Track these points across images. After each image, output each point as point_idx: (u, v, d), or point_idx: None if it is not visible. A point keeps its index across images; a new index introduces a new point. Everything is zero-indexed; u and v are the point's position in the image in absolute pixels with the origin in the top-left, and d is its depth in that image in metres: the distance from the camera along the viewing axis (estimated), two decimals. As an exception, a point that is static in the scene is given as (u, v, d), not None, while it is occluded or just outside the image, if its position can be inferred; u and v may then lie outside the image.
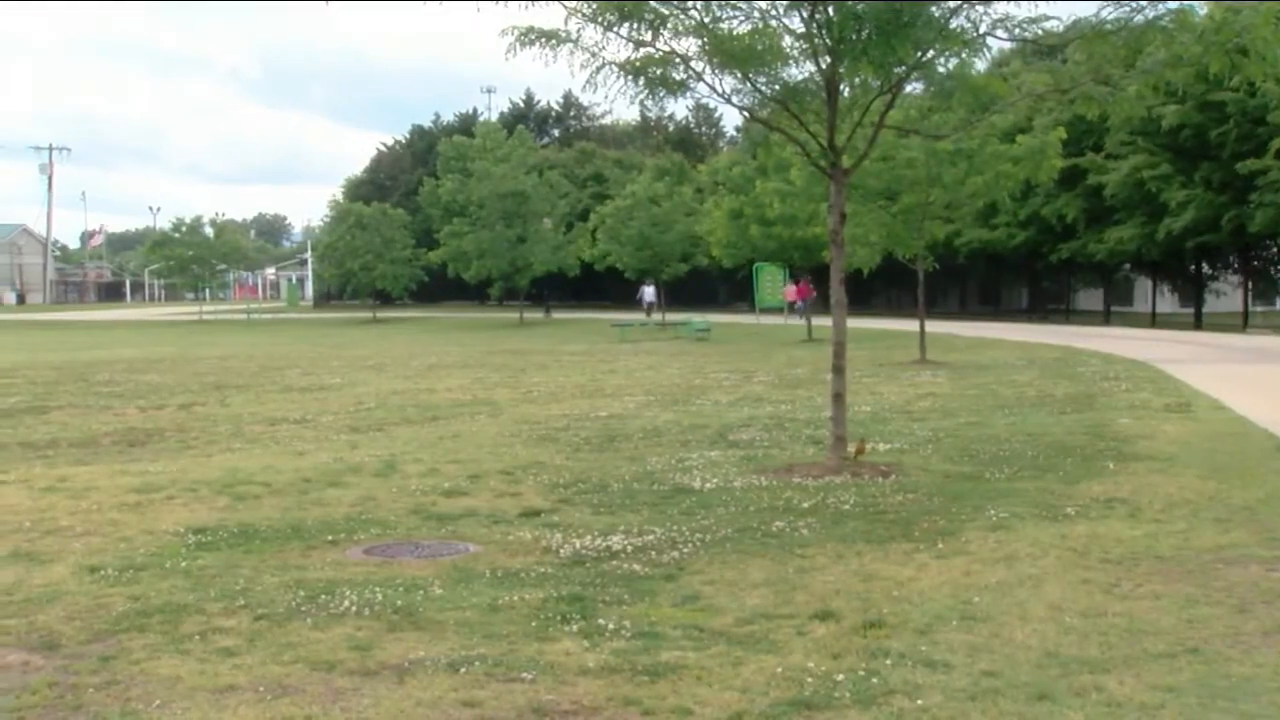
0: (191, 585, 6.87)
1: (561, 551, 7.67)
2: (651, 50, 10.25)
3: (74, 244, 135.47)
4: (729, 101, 11.03)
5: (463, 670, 5.28)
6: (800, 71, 10.74)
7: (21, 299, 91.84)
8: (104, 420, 16.23)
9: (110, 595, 6.66)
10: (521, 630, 5.89)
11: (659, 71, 10.36)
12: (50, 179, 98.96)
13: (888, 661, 5.31)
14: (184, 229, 69.96)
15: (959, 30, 10.25)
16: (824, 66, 10.50)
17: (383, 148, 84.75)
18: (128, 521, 8.83)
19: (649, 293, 52.75)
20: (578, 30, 10.00)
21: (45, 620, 6.17)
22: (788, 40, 10.41)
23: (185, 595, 6.63)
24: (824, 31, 10.19)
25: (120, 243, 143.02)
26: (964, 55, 10.66)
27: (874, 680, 5.06)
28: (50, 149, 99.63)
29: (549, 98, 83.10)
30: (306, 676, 5.26)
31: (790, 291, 41.90)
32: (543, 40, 9.85)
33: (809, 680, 5.08)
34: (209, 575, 7.11)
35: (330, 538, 8.19)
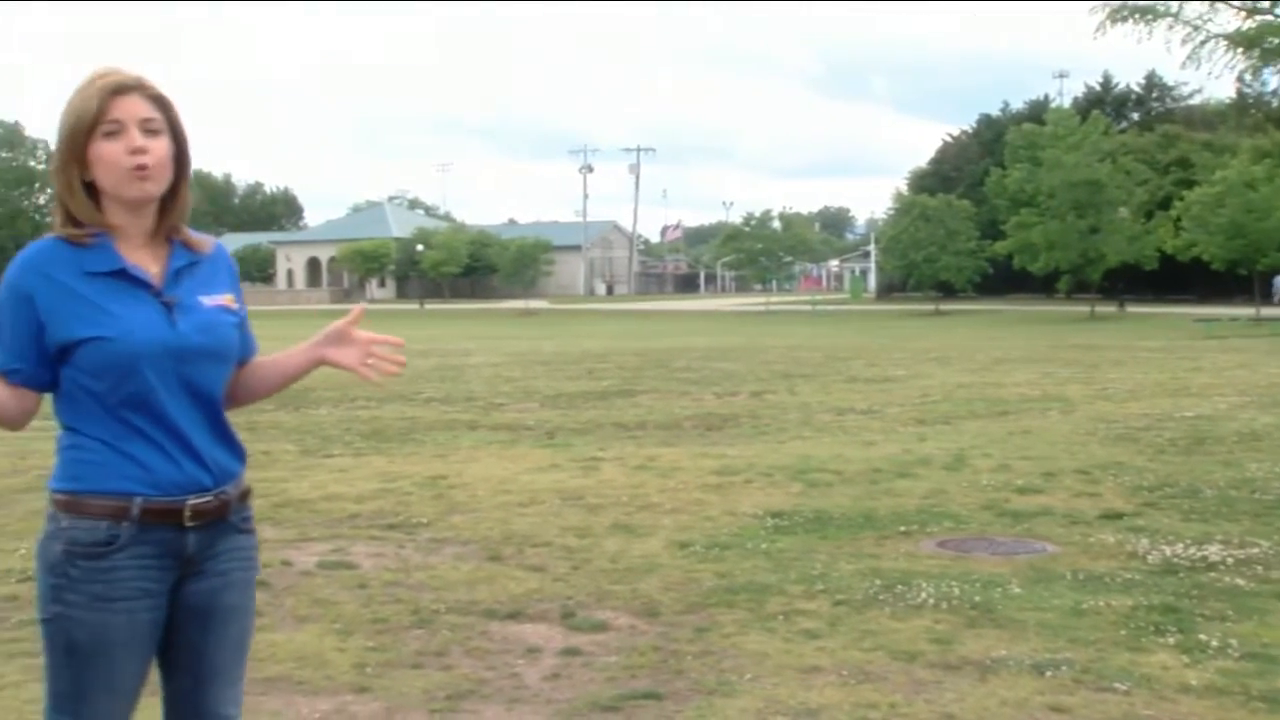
0: (772, 566, 7.12)
1: (1149, 558, 7.18)
2: (1270, 18, 9.31)
3: (655, 238, 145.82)
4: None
5: (1048, 673, 5.08)
6: None
7: (610, 290, 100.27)
8: (684, 405, 17.27)
9: (699, 570, 7.05)
10: (1110, 638, 5.57)
11: (1277, 41, 9.39)
12: (637, 179, 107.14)
13: None
14: (753, 223, 73.18)
15: None
16: None
17: (948, 138, 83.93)
18: (710, 501, 9.30)
19: None
20: (1179, 3, 9.33)
21: (646, 589, 6.64)
22: None
23: (767, 576, 6.88)
24: None
25: (695, 236, 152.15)
26: None
27: None
28: (638, 150, 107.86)
29: (1128, 79, 78.06)
30: (887, 665, 5.28)
31: None
32: (1136, 16, 9.25)
33: None
34: (788, 558, 7.33)
35: (902, 528, 8.19)
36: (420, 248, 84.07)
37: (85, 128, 2.61)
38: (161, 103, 2.68)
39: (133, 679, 2.73)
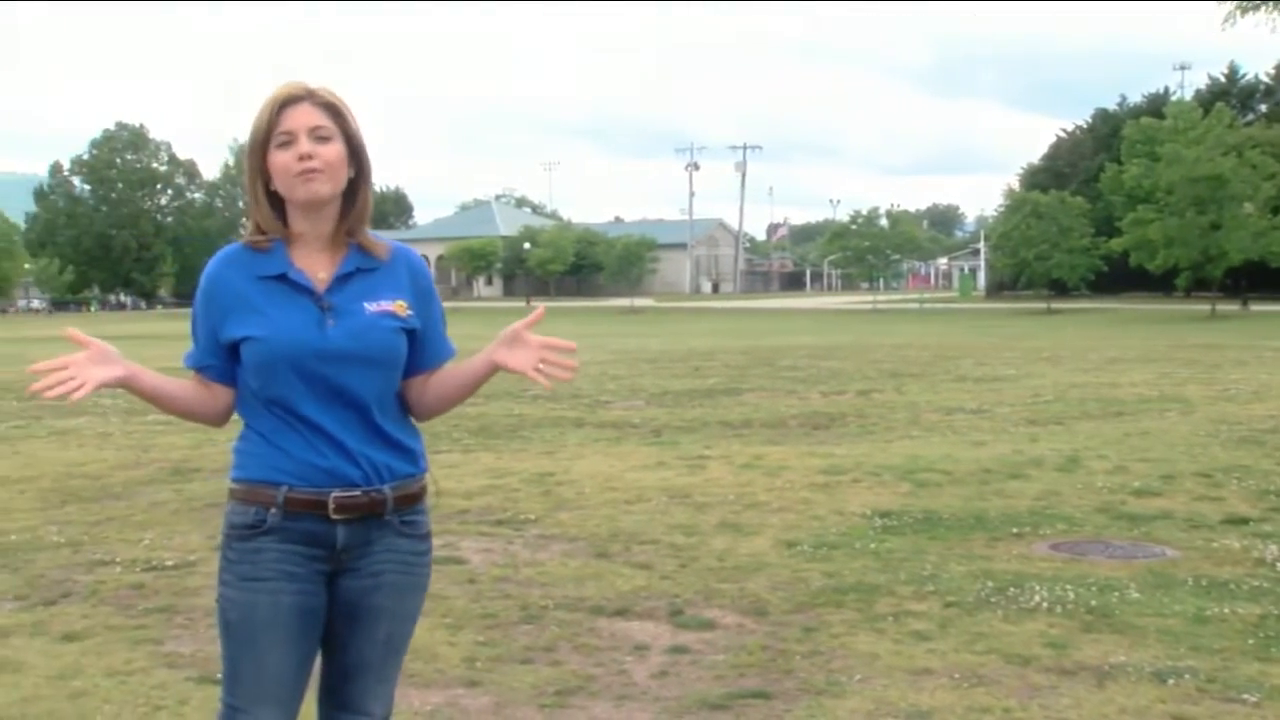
0: (881, 567, 7.03)
1: (1278, 565, 6.95)
2: None
3: (761, 236, 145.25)
4: None
5: (1170, 681, 4.94)
6: None
7: (715, 288, 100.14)
8: (790, 403, 17.15)
9: (807, 570, 6.99)
10: (1236, 647, 5.40)
11: None
12: (743, 176, 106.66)
13: None
14: (860, 220, 72.61)
15: None
16: None
17: (1062, 133, 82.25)
18: (818, 501, 9.21)
19: None
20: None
21: (753, 588, 6.61)
22: None
23: (876, 576, 6.80)
24: None
25: (801, 234, 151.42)
26: None
27: None
28: (744, 148, 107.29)
29: (1257, 69, 75.50)
30: (1000, 669, 5.18)
31: None
32: (1270, 4, 8.94)
33: None
34: (897, 558, 7.24)
35: (1014, 530, 8.03)
36: (527, 246, 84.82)
37: (261, 140, 2.77)
38: (333, 110, 2.80)
39: (280, 664, 2.80)
